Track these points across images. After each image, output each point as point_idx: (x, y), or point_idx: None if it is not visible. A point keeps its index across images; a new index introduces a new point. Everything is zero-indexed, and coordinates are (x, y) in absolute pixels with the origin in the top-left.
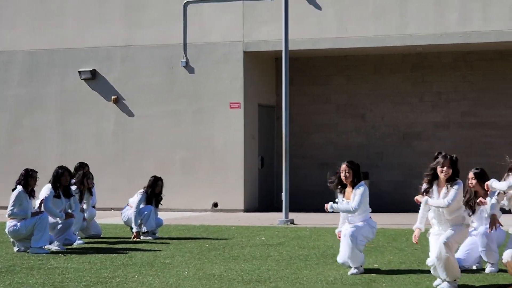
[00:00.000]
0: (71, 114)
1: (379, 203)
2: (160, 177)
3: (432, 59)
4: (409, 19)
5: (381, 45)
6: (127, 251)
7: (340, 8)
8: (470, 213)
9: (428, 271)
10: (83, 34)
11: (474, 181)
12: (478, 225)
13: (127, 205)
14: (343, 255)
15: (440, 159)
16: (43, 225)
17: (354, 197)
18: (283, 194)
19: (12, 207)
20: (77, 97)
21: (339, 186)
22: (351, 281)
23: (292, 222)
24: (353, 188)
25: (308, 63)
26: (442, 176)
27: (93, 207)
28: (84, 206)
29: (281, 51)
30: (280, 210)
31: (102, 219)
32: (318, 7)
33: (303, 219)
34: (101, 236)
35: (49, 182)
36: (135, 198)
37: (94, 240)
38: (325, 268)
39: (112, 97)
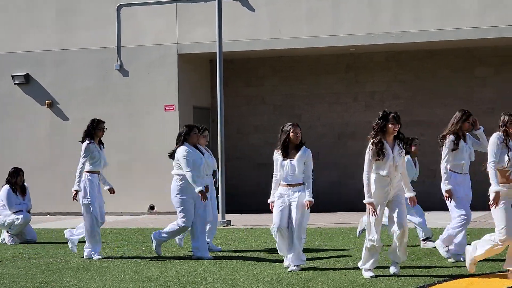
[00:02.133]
0: (5, 119)
1: (315, 202)
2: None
3: (365, 59)
4: (342, 19)
5: (315, 45)
6: (63, 256)
7: (273, 9)
8: None
9: (358, 269)
10: (15, 38)
11: None
12: None
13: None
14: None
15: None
16: None
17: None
18: (220, 195)
19: None
20: (11, 102)
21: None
22: (287, 280)
23: (229, 223)
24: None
25: (243, 65)
26: (393, 133)
27: (28, 212)
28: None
29: (215, 53)
30: (218, 212)
31: (38, 224)
32: (251, 8)
33: (240, 220)
34: (37, 241)
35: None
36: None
37: (30, 245)
38: (262, 269)
39: (46, 101)
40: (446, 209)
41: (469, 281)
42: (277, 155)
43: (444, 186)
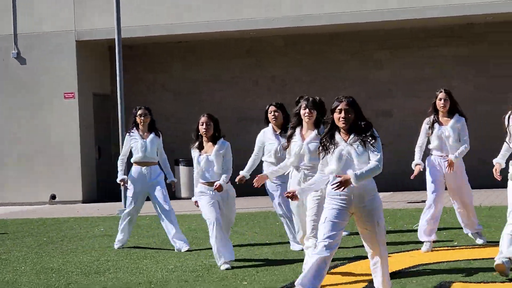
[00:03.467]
0: None
1: None
2: None
3: (265, 43)
4: (242, 4)
5: (215, 30)
6: None
7: None
8: None
9: (267, 254)
10: None
11: None
12: None
13: None
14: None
15: (302, 102)
16: None
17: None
18: (122, 188)
19: None
20: None
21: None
22: (192, 267)
23: None
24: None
25: (143, 51)
26: (306, 119)
27: None
28: None
29: (114, 39)
30: (120, 200)
31: None
32: None
33: (143, 207)
34: None
35: None
36: None
37: None
38: (165, 257)
39: None
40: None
41: None
42: (193, 151)
43: None
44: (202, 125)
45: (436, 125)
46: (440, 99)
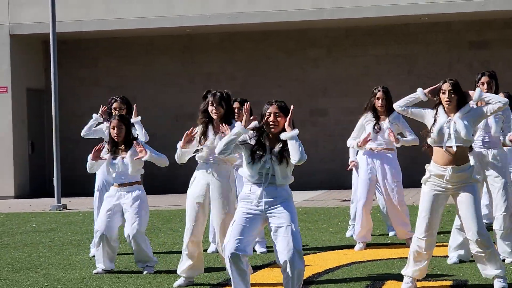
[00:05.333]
0: None
1: (151, 185)
2: None
3: (201, 40)
4: (178, 0)
5: (150, 26)
6: None
7: None
8: None
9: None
10: None
11: None
12: None
13: None
14: None
15: (209, 97)
16: None
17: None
18: (55, 179)
19: None
20: None
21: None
22: (125, 264)
23: (64, 207)
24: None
25: (77, 46)
26: (213, 116)
27: None
28: None
29: (49, 33)
30: (53, 196)
31: None
32: None
33: (76, 204)
34: None
35: None
36: None
37: None
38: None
39: None
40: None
41: None
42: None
43: None
44: (114, 128)
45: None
46: (378, 98)
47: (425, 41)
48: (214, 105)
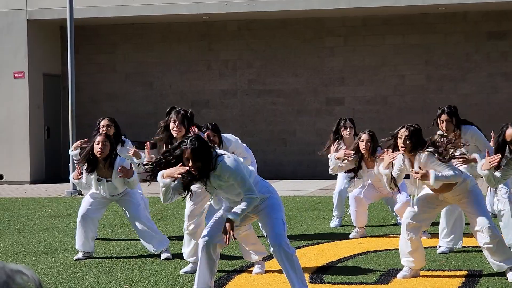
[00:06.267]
0: None
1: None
2: None
3: (218, 27)
4: None
5: (167, 13)
6: None
7: None
8: None
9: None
10: None
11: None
12: None
13: None
14: None
15: (172, 115)
16: None
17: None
18: (70, 164)
19: None
20: None
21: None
22: (140, 250)
23: (80, 192)
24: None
25: (95, 31)
26: (174, 133)
27: None
28: None
29: (66, 19)
30: (68, 181)
31: None
32: None
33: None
34: None
35: None
36: None
37: None
38: (114, 239)
39: None
40: (297, 178)
41: None
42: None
43: None
44: (98, 144)
45: None
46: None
47: (443, 31)
48: (176, 123)
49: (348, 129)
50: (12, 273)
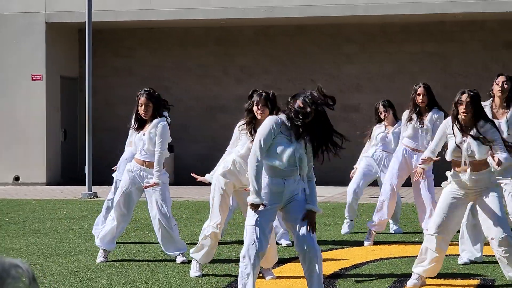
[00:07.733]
0: None
1: (183, 175)
2: None
3: (235, 32)
4: None
5: (184, 18)
6: None
7: None
8: None
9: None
10: None
11: None
12: None
13: None
14: None
15: (255, 97)
16: None
17: None
18: (86, 167)
19: None
20: None
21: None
22: (153, 253)
23: (95, 195)
24: None
25: (112, 35)
26: (258, 116)
27: None
28: None
29: (84, 22)
30: (84, 183)
31: None
32: None
33: (106, 192)
34: None
35: None
36: None
37: None
38: (127, 241)
39: None
40: None
41: None
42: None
43: None
44: (141, 106)
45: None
46: (419, 94)
47: (460, 40)
48: (260, 105)
49: (384, 112)
50: (8, 266)
